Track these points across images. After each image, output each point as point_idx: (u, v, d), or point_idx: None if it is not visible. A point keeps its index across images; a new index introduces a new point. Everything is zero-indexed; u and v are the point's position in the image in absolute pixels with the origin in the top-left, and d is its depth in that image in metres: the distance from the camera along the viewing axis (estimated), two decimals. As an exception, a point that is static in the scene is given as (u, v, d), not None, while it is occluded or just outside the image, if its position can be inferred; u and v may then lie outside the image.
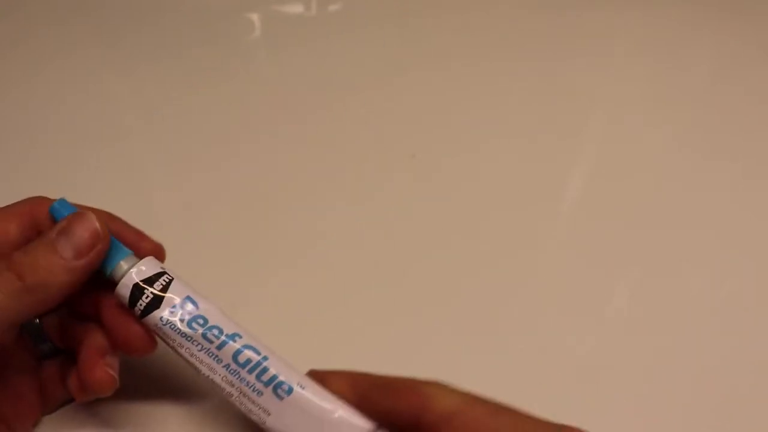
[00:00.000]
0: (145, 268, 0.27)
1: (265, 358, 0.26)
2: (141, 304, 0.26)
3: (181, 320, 0.26)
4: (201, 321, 0.26)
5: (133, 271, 0.26)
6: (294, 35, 0.59)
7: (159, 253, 0.28)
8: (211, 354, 0.26)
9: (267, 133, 0.48)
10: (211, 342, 0.26)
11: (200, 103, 0.50)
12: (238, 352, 0.26)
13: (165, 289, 0.26)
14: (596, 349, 0.34)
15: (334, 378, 0.26)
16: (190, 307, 0.26)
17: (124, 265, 0.26)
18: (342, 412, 0.25)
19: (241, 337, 0.26)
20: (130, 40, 0.57)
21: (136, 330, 0.27)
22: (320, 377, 0.26)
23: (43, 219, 0.27)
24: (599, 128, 0.50)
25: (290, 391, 0.26)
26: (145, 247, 0.28)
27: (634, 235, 0.41)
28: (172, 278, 0.27)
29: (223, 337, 0.26)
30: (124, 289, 0.26)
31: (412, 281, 0.38)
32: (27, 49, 0.55)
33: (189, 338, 0.26)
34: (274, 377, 0.26)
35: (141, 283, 0.26)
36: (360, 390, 0.26)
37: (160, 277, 0.27)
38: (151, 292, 0.26)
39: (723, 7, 0.64)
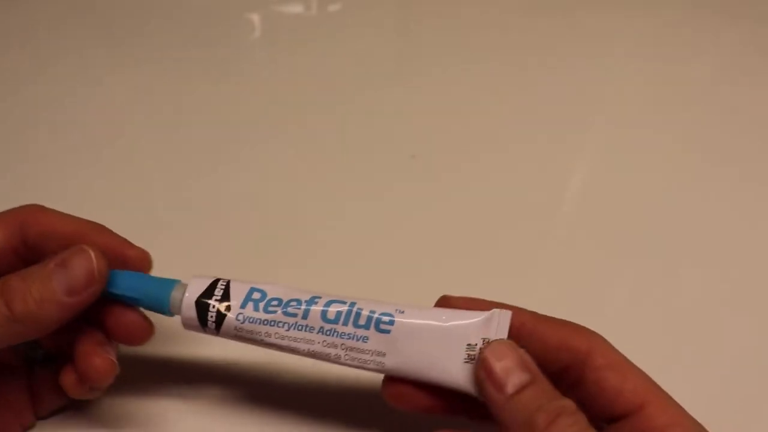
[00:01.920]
0: (197, 284, 0.26)
1: (353, 304, 0.25)
2: (211, 316, 0.25)
3: (256, 310, 0.25)
4: (275, 302, 0.26)
5: (187, 294, 0.26)
6: (294, 35, 0.59)
7: (145, 259, 0.27)
8: (300, 327, 0.25)
9: (267, 133, 0.48)
10: (295, 315, 0.25)
11: (200, 103, 0.50)
12: (324, 312, 0.25)
13: (227, 292, 0.26)
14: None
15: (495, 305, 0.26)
16: (258, 295, 0.26)
17: (177, 294, 0.26)
18: (448, 317, 0.25)
19: (320, 297, 0.26)
20: (129, 40, 0.57)
21: (132, 317, 0.26)
22: (475, 304, 0.26)
23: (33, 230, 0.26)
24: (599, 128, 0.50)
25: (392, 321, 0.25)
26: (130, 255, 0.27)
27: (634, 234, 0.41)
28: (228, 280, 0.26)
29: (303, 306, 0.25)
30: (189, 311, 0.25)
31: (413, 281, 0.38)
32: (26, 48, 0.55)
33: (272, 323, 0.25)
34: (370, 316, 0.25)
35: (201, 298, 0.26)
36: (523, 319, 0.25)
37: (216, 286, 0.26)
38: (216, 300, 0.26)
39: (723, 7, 0.65)
